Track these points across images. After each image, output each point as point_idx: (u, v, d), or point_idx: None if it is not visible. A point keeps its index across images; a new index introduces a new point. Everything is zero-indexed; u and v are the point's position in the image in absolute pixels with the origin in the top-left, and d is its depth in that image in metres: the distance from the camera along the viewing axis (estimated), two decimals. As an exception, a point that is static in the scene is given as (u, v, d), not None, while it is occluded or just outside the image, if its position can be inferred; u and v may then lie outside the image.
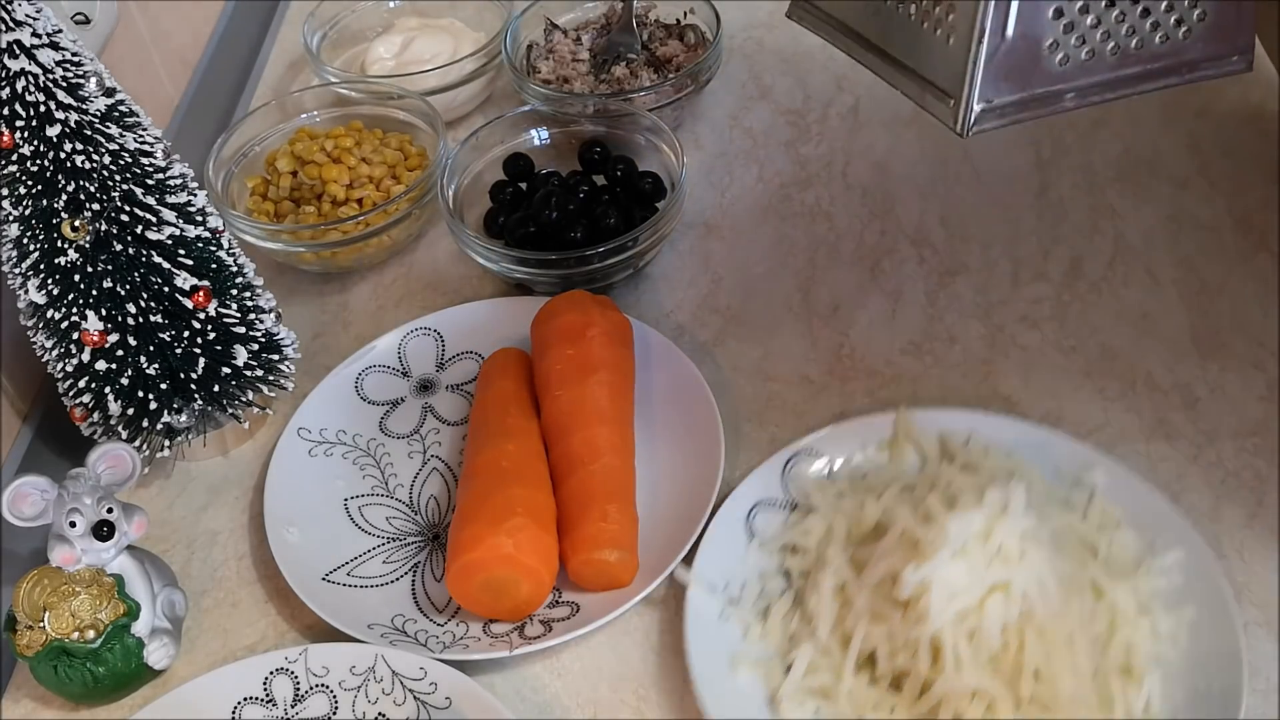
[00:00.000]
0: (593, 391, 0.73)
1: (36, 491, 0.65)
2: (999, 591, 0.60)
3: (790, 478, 0.71)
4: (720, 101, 1.00)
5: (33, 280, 0.69)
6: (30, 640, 0.65)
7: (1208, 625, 0.61)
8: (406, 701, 0.64)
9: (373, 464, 0.77)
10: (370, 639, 0.66)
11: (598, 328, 0.75)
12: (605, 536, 0.67)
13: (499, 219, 0.87)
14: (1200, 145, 0.89)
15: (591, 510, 0.68)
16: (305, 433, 0.78)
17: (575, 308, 0.77)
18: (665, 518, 0.71)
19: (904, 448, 0.71)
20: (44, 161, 0.65)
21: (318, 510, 0.75)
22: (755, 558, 0.68)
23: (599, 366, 0.74)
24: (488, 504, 0.67)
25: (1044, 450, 0.69)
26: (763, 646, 0.65)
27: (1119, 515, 0.66)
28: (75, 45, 0.65)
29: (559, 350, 0.75)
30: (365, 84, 0.98)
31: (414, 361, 0.83)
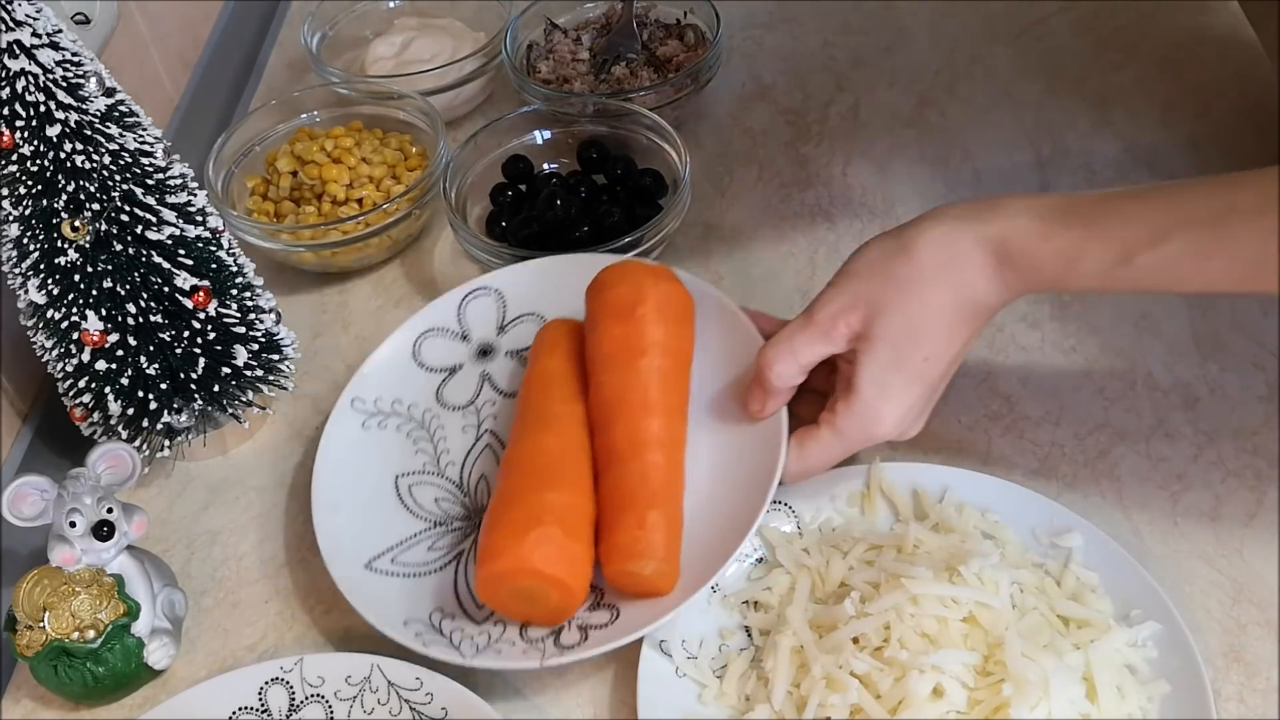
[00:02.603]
0: (640, 378, 0.68)
1: (36, 491, 0.65)
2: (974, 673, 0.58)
3: (757, 530, 0.66)
4: (720, 101, 1.00)
5: (33, 280, 0.69)
6: (30, 640, 0.65)
7: (1181, 702, 0.59)
8: (402, 711, 0.64)
9: (426, 438, 0.75)
10: (404, 637, 0.64)
11: (650, 303, 0.70)
12: (640, 547, 0.63)
13: (501, 222, 0.87)
14: (1200, 145, 0.89)
15: (629, 516, 0.64)
16: (360, 403, 0.76)
17: (626, 279, 0.71)
18: (718, 513, 0.66)
19: (875, 503, 0.69)
20: (44, 161, 0.65)
21: (366, 489, 0.72)
22: (716, 613, 0.66)
23: (649, 348, 0.68)
24: (517, 508, 0.64)
25: (1021, 510, 0.67)
26: (718, 707, 0.62)
27: (1094, 582, 0.64)
28: (75, 45, 0.65)
29: (607, 328, 0.70)
30: (365, 84, 0.98)
31: (474, 324, 0.79)
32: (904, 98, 0.98)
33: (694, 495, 0.67)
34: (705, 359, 0.72)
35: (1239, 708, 0.61)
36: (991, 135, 0.92)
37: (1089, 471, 0.71)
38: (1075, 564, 0.64)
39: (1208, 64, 0.96)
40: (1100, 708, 0.58)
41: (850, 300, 0.65)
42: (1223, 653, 0.63)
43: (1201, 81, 0.94)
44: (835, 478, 0.69)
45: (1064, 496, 0.70)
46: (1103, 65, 0.98)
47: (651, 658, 0.63)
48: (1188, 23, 1.00)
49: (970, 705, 0.57)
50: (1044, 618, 0.61)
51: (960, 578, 0.61)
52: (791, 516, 0.69)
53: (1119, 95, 0.95)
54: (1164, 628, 0.61)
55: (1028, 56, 1.00)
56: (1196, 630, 0.63)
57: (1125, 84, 0.95)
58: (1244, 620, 0.64)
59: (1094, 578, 0.64)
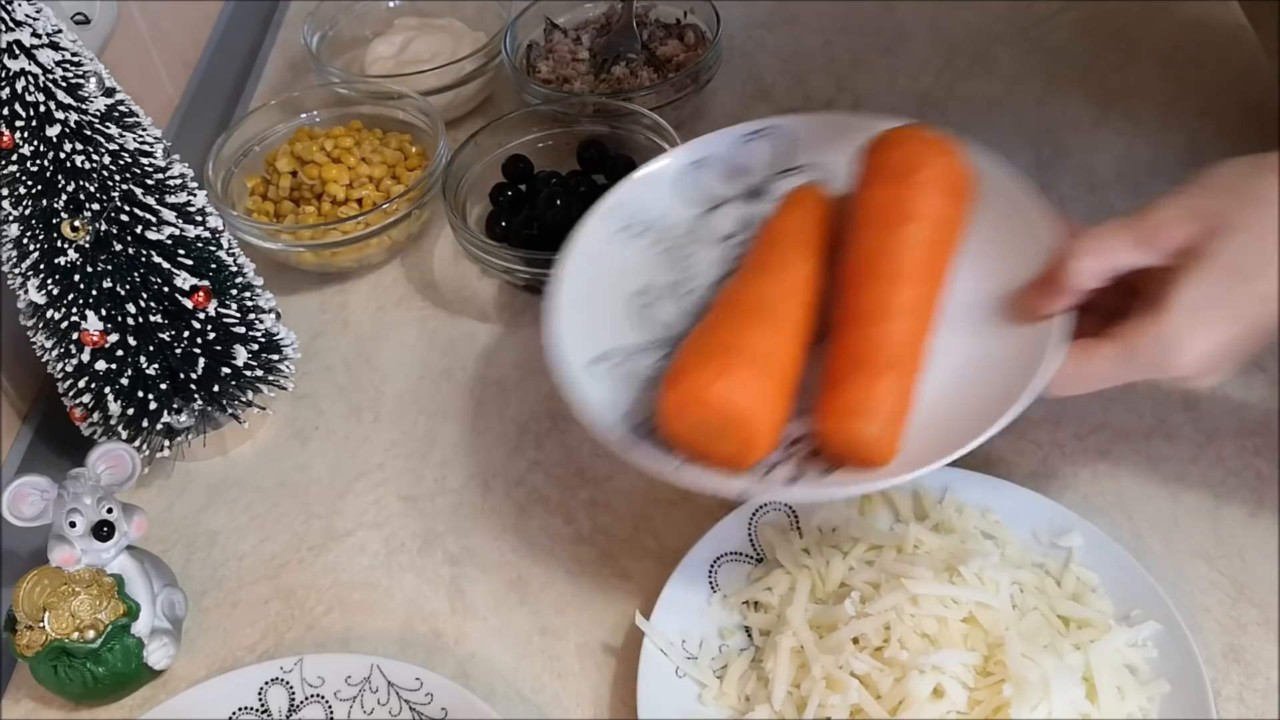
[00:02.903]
0: (900, 243, 0.63)
1: (36, 491, 0.65)
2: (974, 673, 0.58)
3: (757, 529, 0.68)
4: (720, 101, 1.00)
5: (33, 280, 0.69)
6: (30, 640, 0.65)
7: (1181, 702, 0.59)
8: (402, 712, 0.64)
9: (678, 260, 0.71)
10: (612, 439, 0.61)
11: (930, 171, 0.65)
12: (866, 406, 0.59)
13: (501, 222, 0.87)
14: (1200, 145, 0.89)
15: (861, 374, 0.60)
16: (618, 212, 0.74)
17: (908, 143, 0.66)
18: (957, 405, 0.61)
19: (875, 503, 0.68)
20: (44, 161, 0.65)
21: (606, 293, 0.70)
22: (716, 612, 0.66)
23: (917, 216, 0.64)
24: (710, 339, 0.61)
25: (1021, 510, 0.66)
26: (718, 707, 0.62)
27: (1094, 582, 0.64)
28: (75, 45, 0.65)
29: (875, 189, 0.66)
30: (365, 84, 0.98)
31: (751, 163, 0.75)
32: (904, 98, 0.98)
33: (935, 381, 0.62)
34: (981, 242, 0.67)
35: (1239, 708, 0.61)
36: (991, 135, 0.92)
37: (1089, 471, 0.71)
38: (1075, 564, 0.64)
39: (1208, 64, 0.96)
40: (1100, 708, 0.58)
41: (1188, 211, 0.57)
42: (1223, 653, 0.63)
43: (1201, 81, 0.94)
44: None
45: (1064, 496, 0.70)
46: (1103, 65, 0.98)
47: (652, 657, 0.63)
48: (1188, 23, 1.00)
49: (970, 705, 0.57)
50: (1044, 618, 0.61)
51: (960, 578, 0.60)
52: (791, 516, 0.69)
53: (1119, 95, 0.95)
54: (1164, 628, 0.61)
55: (1028, 56, 1.00)
56: (1196, 630, 0.63)
57: (1125, 84, 0.95)
58: (1244, 620, 0.64)
59: (1094, 578, 0.64)
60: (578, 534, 0.73)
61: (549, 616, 0.69)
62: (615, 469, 0.75)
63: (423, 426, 0.80)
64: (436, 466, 0.78)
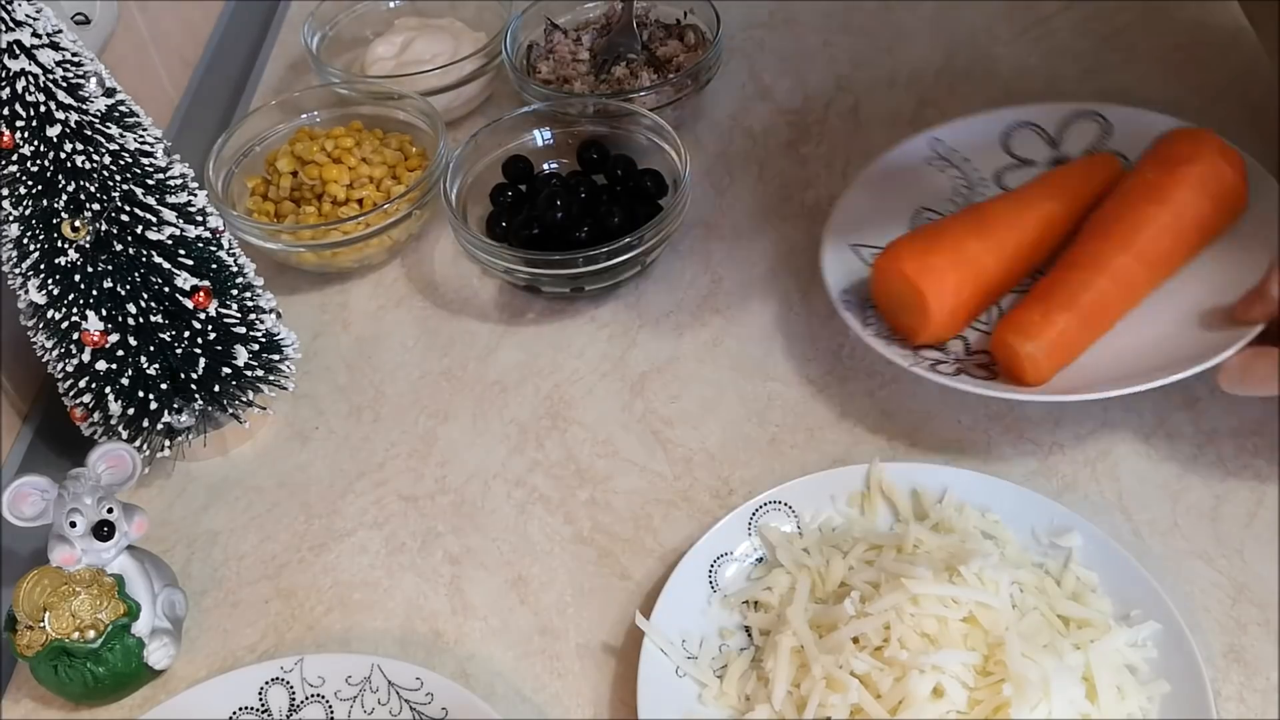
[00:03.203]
0: (1139, 217, 0.72)
1: (36, 491, 0.65)
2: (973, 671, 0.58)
3: (757, 530, 0.68)
4: (720, 101, 1.00)
5: (33, 280, 0.69)
6: (30, 640, 0.65)
7: (1181, 702, 0.59)
8: (403, 711, 0.64)
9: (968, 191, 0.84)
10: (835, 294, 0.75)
11: (1196, 168, 0.73)
12: (1031, 329, 0.69)
13: (501, 222, 0.87)
14: (1200, 145, 0.89)
15: (1044, 304, 0.70)
16: (937, 143, 0.85)
17: (1190, 141, 0.75)
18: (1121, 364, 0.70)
19: (875, 503, 0.69)
20: (44, 161, 0.65)
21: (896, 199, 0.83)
22: (716, 613, 0.66)
23: (1167, 201, 0.72)
24: (931, 231, 0.75)
25: (1021, 510, 0.67)
26: (718, 707, 0.62)
27: (1094, 581, 0.64)
28: (75, 45, 0.65)
29: (1145, 169, 0.75)
30: (365, 84, 0.98)
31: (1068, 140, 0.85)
32: (904, 98, 0.98)
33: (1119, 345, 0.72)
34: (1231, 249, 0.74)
35: (1239, 708, 0.61)
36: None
37: (1089, 471, 0.71)
38: (1075, 564, 0.64)
39: (1208, 64, 0.96)
40: (1100, 708, 0.58)
41: None
42: (1223, 653, 0.63)
43: (1201, 81, 0.94)
44: (835, 478, 0.69)
45: (1064, 496, 0.70)
46: (1103, 65, 0.98)
47: (652, 657, 0.63)
48: (1188, 23, 1.00)
49: (970, 705, 0.57)
50: (1044, 618, 0.61)
51: (960, 578, 0.60)
52: (792, 516, 0.69)
53: (1119, 95, 0.95)
54: (1164, 628, 0.61)
55: (1028, 56, 1.00)
56: (1196, 630, 0.63)
57: (1125, 84, 0.95)
58: (1244, 620, 0.64)
59: (1094, 577, 0.64)
60: (578, 534, 0.73)
61: (549, 616, 0.69)
62: (615, 469, 0.75)
63: (423, 426, 0.80)
64: (436, 466, 0.78)
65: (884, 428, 0.75)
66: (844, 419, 0.75)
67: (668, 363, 0.82)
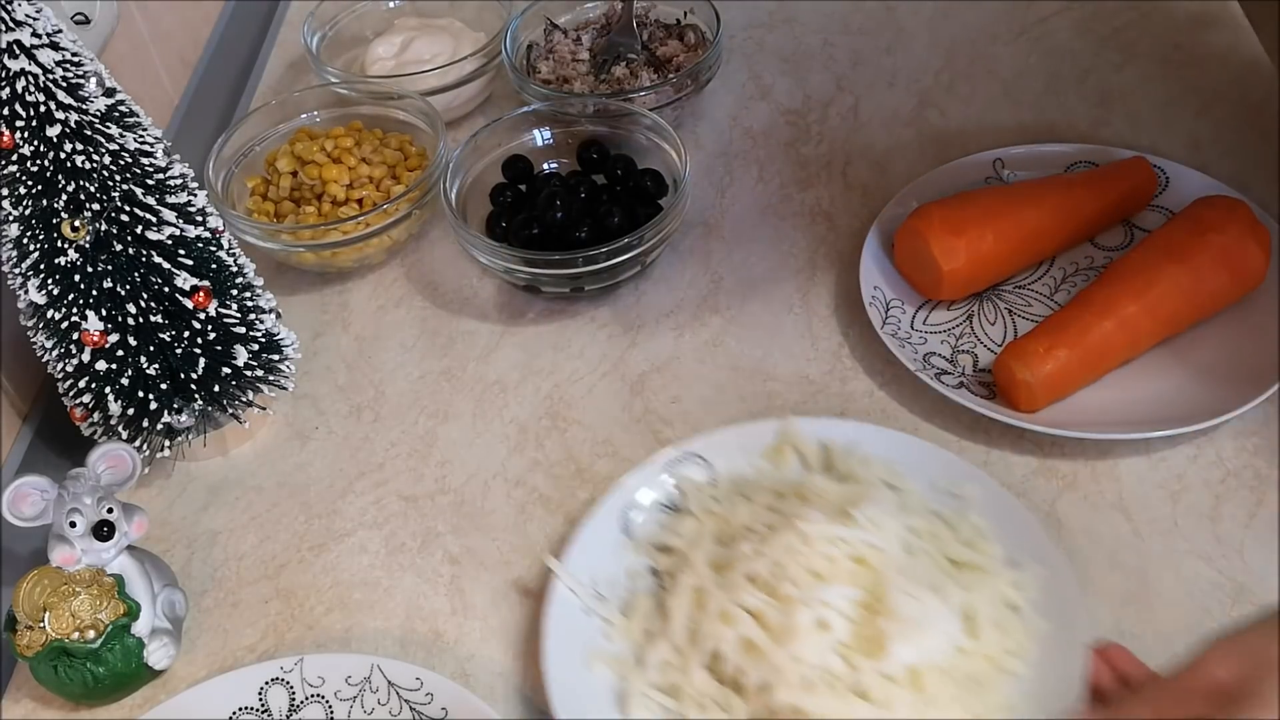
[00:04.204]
0: (1156, 271, 0.74)
1: (36, 491, 0.65)
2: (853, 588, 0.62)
3: (671, 479, 0.71)
4: (720, 101, 1.00)
5: (33, 280, 0.69)
6: (30, 640, 0.65)
7: (1060, 639, 0.61)
8: (403, 711, 0.64)
9: None
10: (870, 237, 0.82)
11: (1224, 238, 0.75)
12: (1031, 358, 0.72)
13: (501, 222, 0.87)
14: (1200, 145, 0.89)
15: (1047, 335, 0.73)
16: (999, 164, 0.88)
17: (1226, 211, 0.77)
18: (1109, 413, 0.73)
19: (786, 455, 0.71)
20: (44, 161, 0.65)
21: None
22: (627, 556, 0.69)
23: (1186, 261, 0.74)
24: (954, 199, 0.81)
25: (923, 462, 0.70)
26: (621, 644, 0.65)
27: (986, 528, 0.66)
28: (75, 45, 0.65)
29: (1174, 227, 0.78)
30: (365, 84, 0.98)
31: None
32: (904, 98, 0.98)
33: (1112, 385, 0.75)
34: (1246, 316, 0.77)
35: (1239, 708, 0.61)
36: (991, 135, 0.92)
37: (1089, 471, 0.71)
38: (970, 512, 0.67)
39: (1208, 64, 0.96)
40: (980, 642, 0.61)
41: (1234, 650, 0.51)
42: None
43: (1201, 81, 0.94)
44: (750, 432, 0.73)
45: (1064, 495, 0.70)
46: (1103, 65, 0.98)
47: (561, 597, 0.66)
48: (1188, 23, 1.00)
49: (853, 638, 0.60)
50: (933, 560, 0.64)
51: (852, 520, 0.63)
52: (707, 467, 0.72)
53: (1119, 95, 0.95)
54: (1049, 570, 0.63)
55: (1028, 56, 1.00)
56: (1196, 630, 0.63)
57: (1125, 84, 0.96)
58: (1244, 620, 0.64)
59: (986, 525, 0.67)
60: (578, 534, 0.73)
61: (549, 616, 0.69)
62: (615, 469, 0.75)
63: (423, 426, 0.80)
64: (436, 466, 0.78)
65: (884, 426, 0.75)
66: (844, 419, 0.75)
67: (668, 363, 0.82)
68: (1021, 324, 0.79)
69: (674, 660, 0.63)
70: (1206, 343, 0.76)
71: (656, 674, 0.63)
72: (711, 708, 0.61)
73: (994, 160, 0.87)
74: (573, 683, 0.63)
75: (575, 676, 0.63)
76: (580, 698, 0.62)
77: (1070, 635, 0.61)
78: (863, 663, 0.59)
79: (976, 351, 0.78)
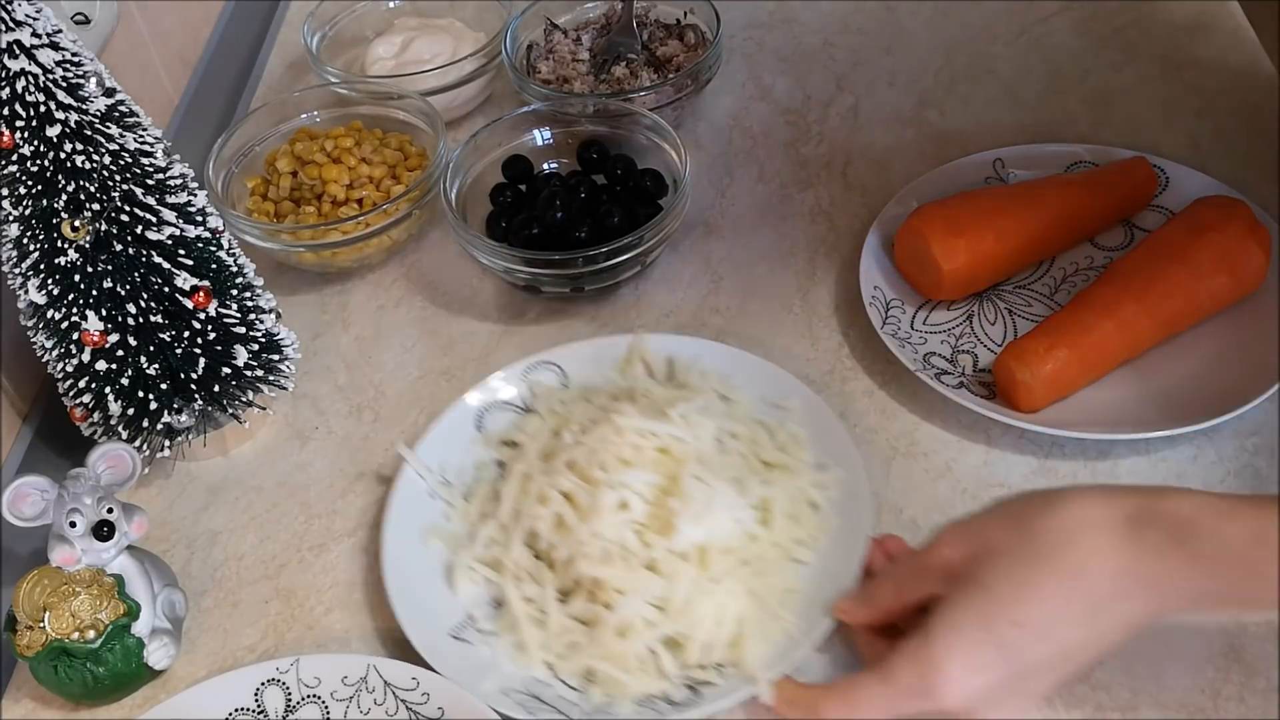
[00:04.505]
0: (1156, 274, 0.74)
1: (36, 491, 0.65)
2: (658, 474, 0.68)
3: (527, 383, 0.78)
4: (720, 101, 1.00)
5: (33, 280, 0.69)
6: (30, 640, 0.65)
7: (849, 534, 0.67)
8: (399, 712, 0.64)
9: None
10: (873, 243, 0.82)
11: (1222, 238, 0.75)
12: (1031, 358, 0.72)
13: (501, 222, 0.87)
14: (1200, 145, 0.89)
15: (1047, 336, 0.73)
16: (999, 164, 0.88)
17: (1225, 211, 0.76)
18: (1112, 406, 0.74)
19: (635, 366, 0.78)
20: (44, 161, 0.65)
21: None
22: (477, 450, 0.76)
23: (1188, 262, 0.74)
24: (955, 199, 0.81)
25: (756, 377, 0.76)
26: (459, 525, 0.72)
27: (802, 436, 0.72)
28: (75, 45, 0.65)
29: (1175, 225, 0.78)
30: (365, 84, 0.98)
31: None
32: (904, 98, 0.98)
33: (1113, 385, 0.75)
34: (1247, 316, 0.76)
35: (1239, 708, 0.61)
36: (991, 135, 0.92)
37: (1089, 471, 0.71)
38: (789, 423, 0.73)
39: (1208, 64, 0.96)
40: (772, 531, 0.67)
41: (963, 534, 0.58)
42: (1223, 652, 0.63)
43: (1201, 81, 0.94)
44: (604, 345, 0.79)
45: (1064, 496, 0.70)
46: (1103, 65, 0.98)
47: (409, 481, 0.73)
48: (1188, 23, 1.00)
49: (649, 518, 0.66)
50: (745, 459, 0.71)
51: (666, 417, 0.69)
52: (561, 375, 0.78)
53: (1119, 95, 0.95)
54: (849, 475, 0.70)
55: (1028, 56, 1.00)
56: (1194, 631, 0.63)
57: (1125, 84, 0.96)
58: (1244, 620, 0.64)
59: (802, 433, 0.73)
60: (578, 534, 0.73)
61: (549, 616, 0.69)
62: (615, 469, 0.75)
63: (423, 426, 0.80)
64: (436, 466, 0.78)
65: (884, 426, 0.75)
66: (844, 418, 0.75)
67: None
68: (1022, 324, 0.79)
69: (498, 537, 0.70)
70: (1206, 343, 0.76)
71: (483, 549, 0.70)
72: (526, 579, 0.68)
73: (994, 160, 0.87)
74: (406, 556, 0.70)
75: (409, 550, 0.70)
76: (410, 568, 0.70)
77: (858, 530, 0.67)
78: (655, 540, 0.65)
79: (976, 351, 0.78)
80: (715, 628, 0.64)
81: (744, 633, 0.64)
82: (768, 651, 0.63)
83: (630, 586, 0.64)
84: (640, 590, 0.64)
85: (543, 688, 0.64)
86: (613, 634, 0.64)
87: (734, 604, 0.64)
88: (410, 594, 0.68)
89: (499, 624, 0.67)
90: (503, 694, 0.63)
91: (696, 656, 0.64)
